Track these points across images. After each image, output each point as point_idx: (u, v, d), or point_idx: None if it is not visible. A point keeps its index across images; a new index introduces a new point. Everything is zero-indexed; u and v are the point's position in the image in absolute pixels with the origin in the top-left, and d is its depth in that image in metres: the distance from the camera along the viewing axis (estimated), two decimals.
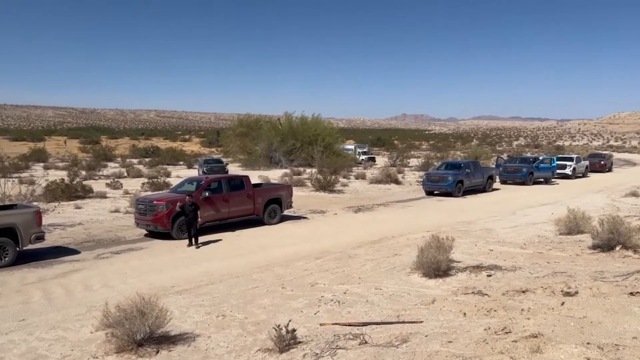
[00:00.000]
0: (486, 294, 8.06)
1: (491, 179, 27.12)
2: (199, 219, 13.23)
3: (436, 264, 9.39)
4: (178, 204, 13.41)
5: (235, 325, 7.34)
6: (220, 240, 14.06)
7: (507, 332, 5.49)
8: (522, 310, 6.48)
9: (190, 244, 13.14)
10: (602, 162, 40.45)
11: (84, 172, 32.21)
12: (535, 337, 5.21)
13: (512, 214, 18.43)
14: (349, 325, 6.72)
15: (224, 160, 39.44)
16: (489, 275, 9.40)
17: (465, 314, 6.72)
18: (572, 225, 13.62)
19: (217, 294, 8.94)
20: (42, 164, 40.79)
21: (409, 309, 7.39)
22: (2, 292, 9.30)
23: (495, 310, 6.59)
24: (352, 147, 52.58)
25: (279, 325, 6.19)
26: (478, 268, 9.95)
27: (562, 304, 6.63)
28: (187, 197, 13.51)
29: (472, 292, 8.16)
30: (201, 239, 13.54)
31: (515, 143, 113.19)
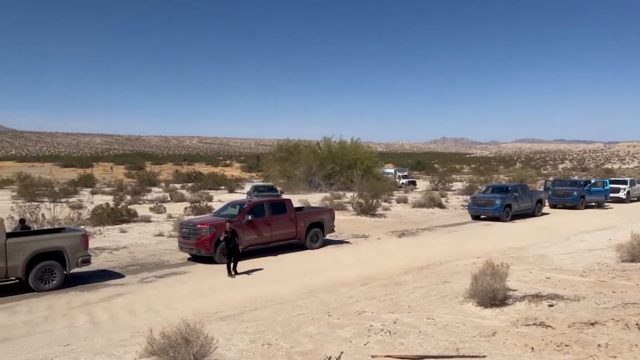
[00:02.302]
0: (550, 326, 7.45)
1: (540, 202, 26.07)
2: (240, 247, 12.91)
3: (492, 293, 8.82)
4: (223, 233, 12.60)
5: (281, 354, 7.00)
6: (263, 264, 13.81)
7: None
8: (599, 345, 5.88)
9: (229, 274, 12.44)
10: None
11: (129, 197, 32.92)
12: None
13: (566, 240, 17.49)
14: (403, 358, 6.27)
15: (277, 188, 35.39)
16: (550, 305, 8.75)
17: (532, 348, 6.16)
18: (637, 252, 12.69)
19: (262, 321, 8.64)
20: (89, 189, 42.05)
21: (468, 341, 6.87)
22: (49, 315, 9.31)
23: (567, 345, 6.01)
24: (391, 170, 52.09)
25: (329, 357, 5.81)
26: (537, 297, 9.31)
27: None
28: (228, 224, 12.76)
29: (534, 324, 7.57)
30: (244, 263, 13.30)
31: (560, 166, 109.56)
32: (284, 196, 25.89)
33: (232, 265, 12.61)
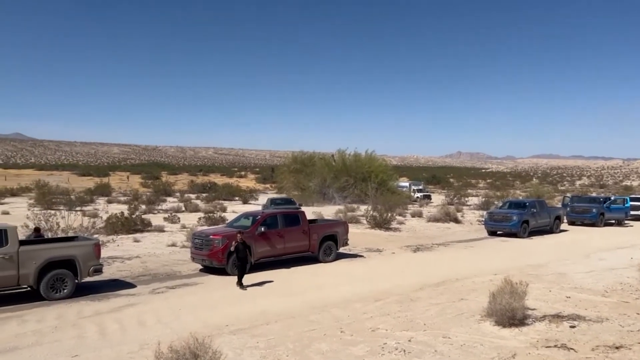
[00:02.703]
0: (572, 349, 7.17)
1: (559, 219, 25.56)
2: (251, 260, 12.77)
3: (511, 312, 8.54)
4: (233, 243, 12.50)
5: None
6: (275, 277, 13.62)
7: None
8: None
9: (240, 286, 12.26)
10: None
11: (143, 206, 33.02)
12: None
13: (586, 258, 17.04)
14: None
15: (295, 200, 33.21)
16: (572, 326, 8.44)
17: None
18: None
19: (273, 336, 8.45)
20: (105, 198, 42.36)
21: None
22: (58, 325, 9.22)
23: None
24: (406, 184, 51.75)
25: None
26: (558, 317, 9.00)
27: None
28: (239, 235, 12.63)
29: (556, 346, 7.28)
30: (256, 275, 13.17)
31: (578, 182, 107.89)
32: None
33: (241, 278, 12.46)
